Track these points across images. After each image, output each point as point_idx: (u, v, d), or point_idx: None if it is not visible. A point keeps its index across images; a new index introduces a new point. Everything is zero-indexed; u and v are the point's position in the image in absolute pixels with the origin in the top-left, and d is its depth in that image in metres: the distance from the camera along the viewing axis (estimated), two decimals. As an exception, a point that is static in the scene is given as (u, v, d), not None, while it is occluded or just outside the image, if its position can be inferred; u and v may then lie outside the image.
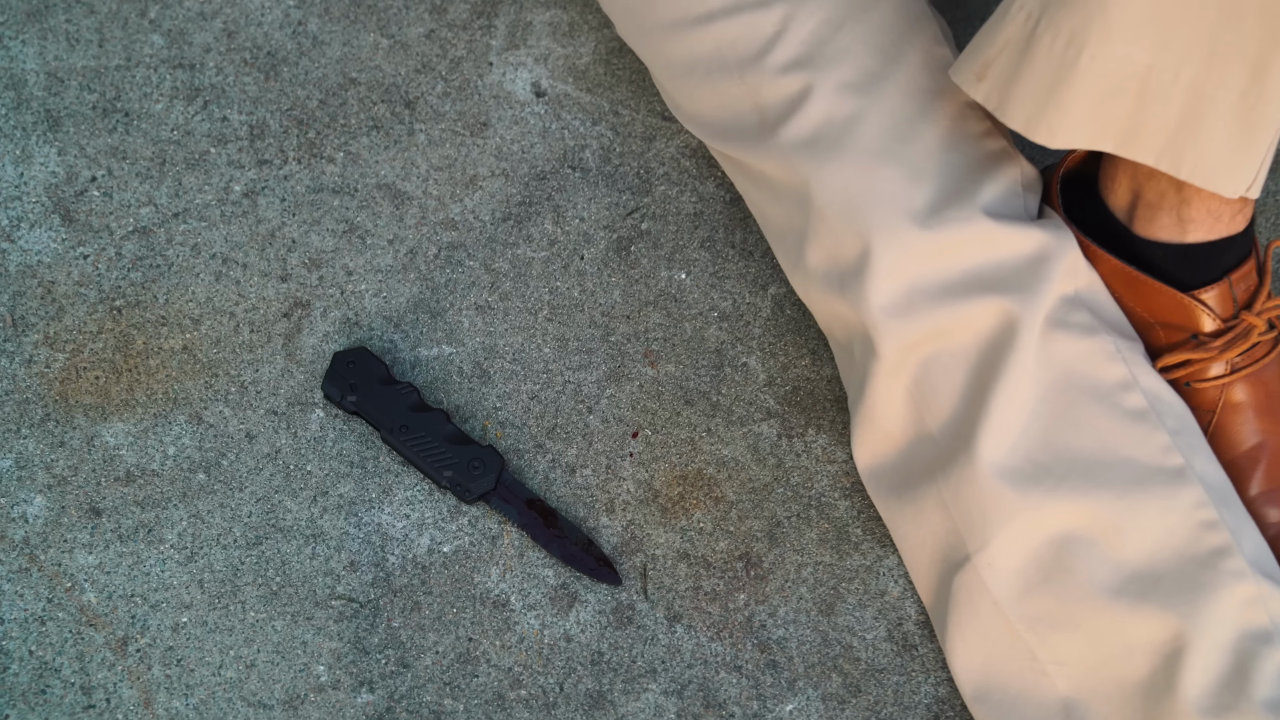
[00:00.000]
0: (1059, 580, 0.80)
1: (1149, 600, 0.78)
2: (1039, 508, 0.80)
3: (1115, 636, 0.79)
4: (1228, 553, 0.79)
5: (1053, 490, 0.80)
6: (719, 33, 0.90)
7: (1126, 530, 0.79)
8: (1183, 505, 0.80)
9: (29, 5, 1.08)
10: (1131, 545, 0.79)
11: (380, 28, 1.09)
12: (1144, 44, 0.74)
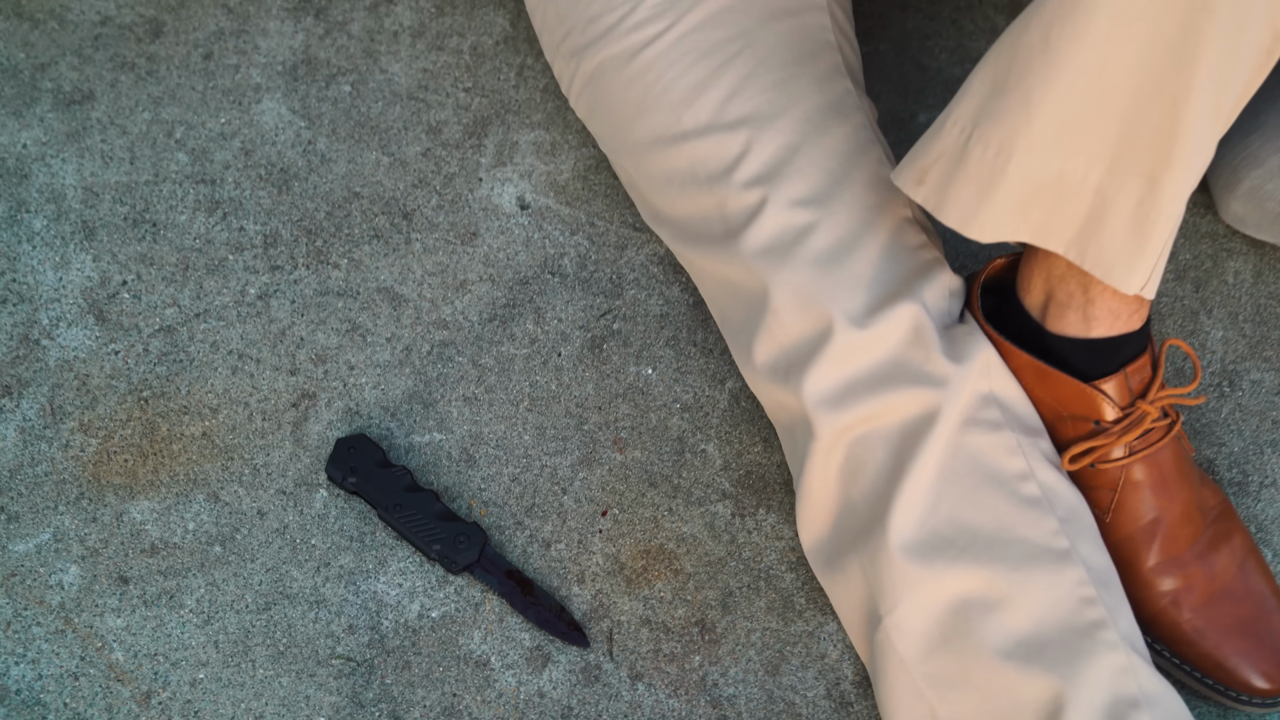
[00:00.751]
0: (957, 643, 0.90)
1: (1035, 664, 0.88)
2: (941, 576, 0.90)
3: (1005, 695, 0.88)
4: (1104, 626, 0.89)
5: (954, 561, 0.90)
6: (692, 151, 1.01)
7: (1017, 601, 0.90)
8: (1067, 582, 0.90)
9: (69, 127, 1.21)
10: (1021, 614, 0.89)
11: (381, 146, 1.21)
12: (1059, 153, 0.85)
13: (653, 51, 1.01)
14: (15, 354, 1.09)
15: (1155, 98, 0.81)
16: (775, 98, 0.99)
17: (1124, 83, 0.81)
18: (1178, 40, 0.79)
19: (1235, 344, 1.12)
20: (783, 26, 1.02)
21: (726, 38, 1.00)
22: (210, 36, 1.26)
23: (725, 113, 0.99)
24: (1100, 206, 0.85)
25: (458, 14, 1.29)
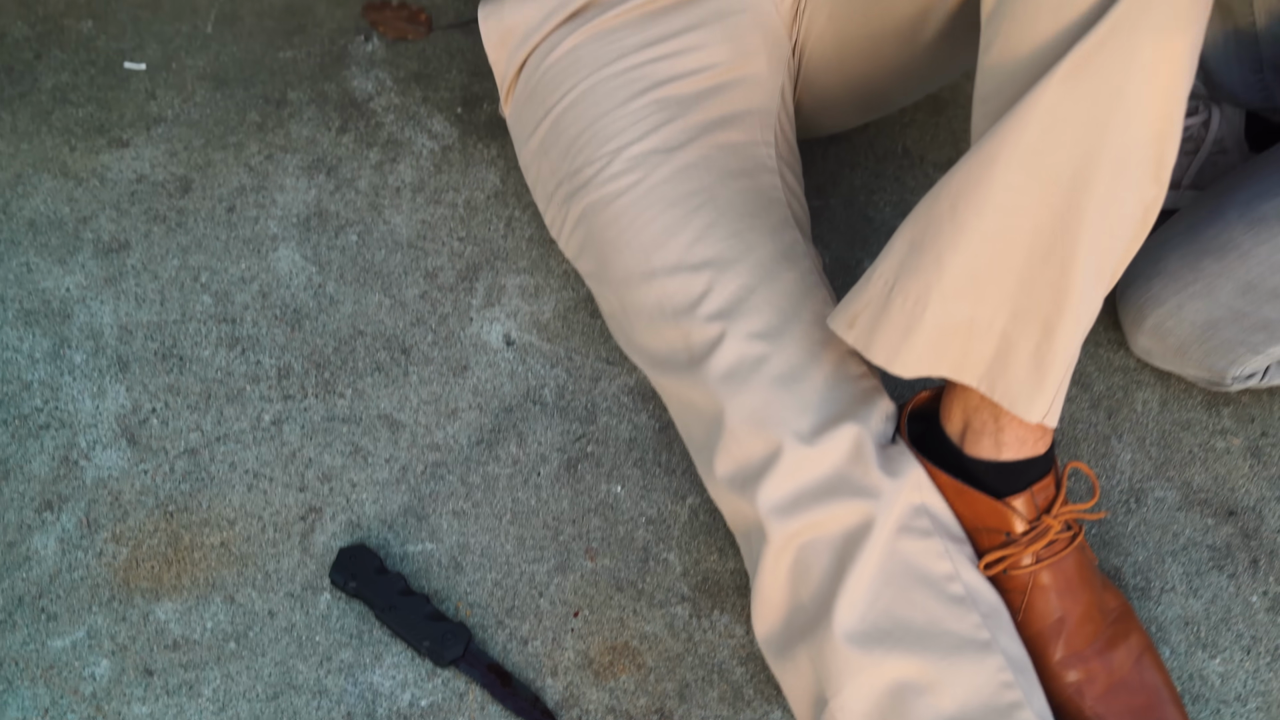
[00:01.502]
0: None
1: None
2: (880, 664, 1.02)
3: (936, 769, 1.01)
4: (1021, 706, 1.01)
5: (891, 650, 1.03)
6: (661, 288, 1.15)
7: (946, 685, 1.02)
8: (988, 669, 1.02)
9: (106, 273, 1.36)
10: (949, 697, 1.01)
11: (384, 289, 1.36)
12: (968, 303, 0.99)
13: (628, 199, 1.16)
14: (56, 473, 1.22)
15: (1047, 259, 0.96)
16: (734, 245, 1.14)
17: (1020, 246, 0.96)
18: (1064, 212, 0.94)
19: (1142, 465, 1.26)
20: (739, 184, 1.17)
21: (691, 191, 1.15)
22: (233, 192, 1.43)
23: (690, 255, 1.13)
24: (1005, 348, 1.00)
25: (454, 171, 1.45)
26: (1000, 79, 0.96)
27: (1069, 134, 0.92)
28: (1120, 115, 0.91)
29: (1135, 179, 0.94)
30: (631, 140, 1.16)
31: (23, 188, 1.41)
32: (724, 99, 1.20)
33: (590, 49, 1.21)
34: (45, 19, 1.57)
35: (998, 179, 0.94)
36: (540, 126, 1.23)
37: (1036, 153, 0.92)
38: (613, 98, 1.19)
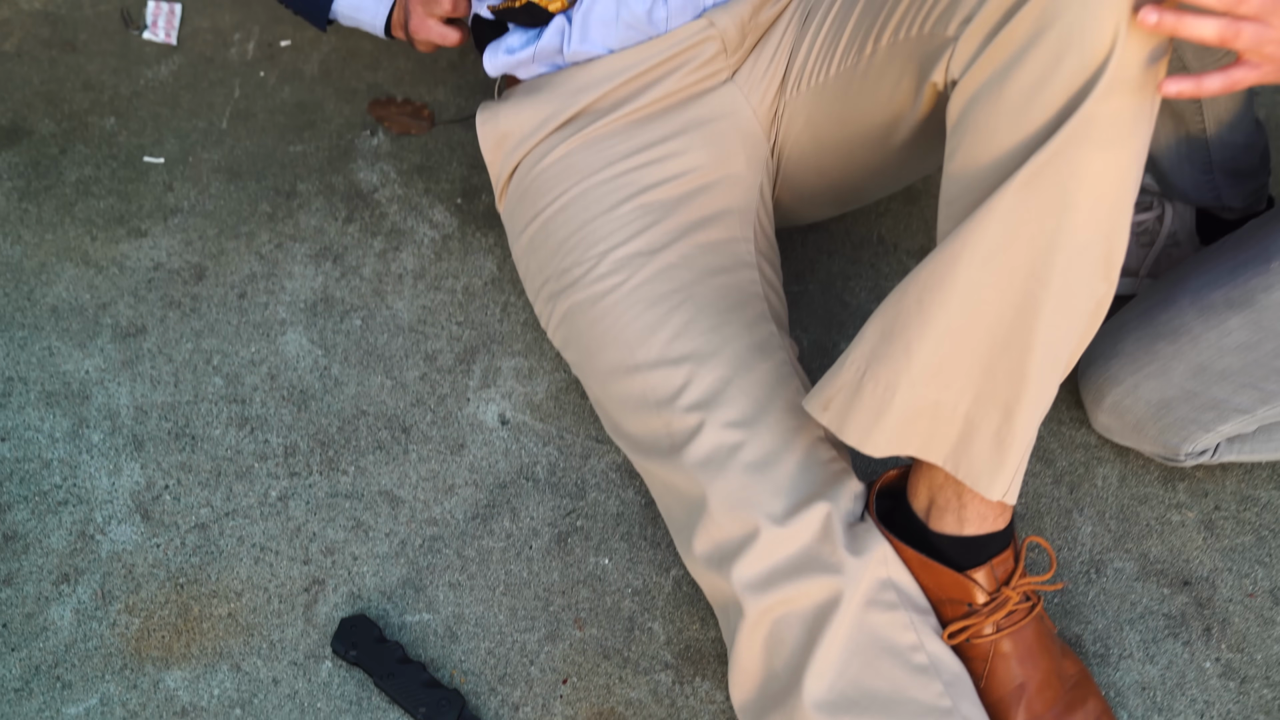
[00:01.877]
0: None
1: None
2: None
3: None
4: (981, 763, 1.08)
5: (858, 717, 1.09)
6: (644, 380, 1.23)
7: (910, 749, 1.08)
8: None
9: (124, 356, 1.44)
10: (913, 758, 1.08)
11: (386, 371, 1.44)
12: (934, 388, 1.06)
13: (613, 299, 1.24)
14: (74, 547, 1.30)
15: (1006, 348, 1.04)
16: (712, 339, 1.21)
17: (981, 337, 1.03)
18: (1021, 306, 1.02)
19: (1102, 537, 1.32)
20: (718, 281, 1.25)
21: (672, 289, 1.23)
22: (245, 279, 1.51)
23: (671, 350, 1.21)
24: (968, 430, 1.07)
25: (453, 259, 1.54)
26: (963, 185, 1.04)
27: (1025, 237, 1.00)
28: (1071, 221, 0.99)
29: (1086, 277, 1.02)
30: (617, 244, 1.24)
31: (47, 276, 1.50)
32: (705, 200, 1.28)
33: (580, 156, 1.30)
34: (71, 116, 1.66)
35: (960, 276, 1.02)
36: (531, 226, 1.31)
37: (995, 253, 1.00)
38: (600, 203, 1.27)
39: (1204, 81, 0.94)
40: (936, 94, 1.12)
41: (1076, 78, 0.96)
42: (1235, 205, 1.40)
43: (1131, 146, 0.99)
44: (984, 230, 1.00)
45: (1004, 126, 1.00)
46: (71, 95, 1.69)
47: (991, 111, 1.01)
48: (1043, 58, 0.97)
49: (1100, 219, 1.00)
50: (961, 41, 1.04)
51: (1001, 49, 1.00)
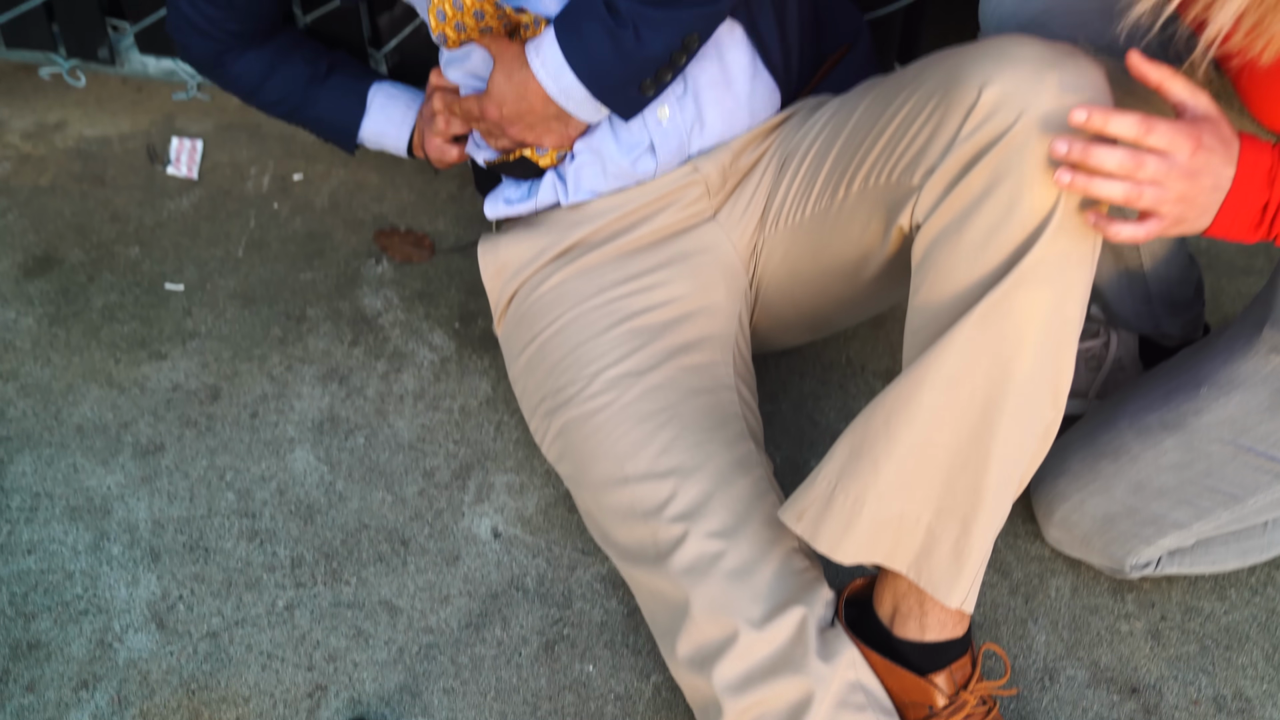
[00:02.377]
0: None
1: None
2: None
3: None
4: None
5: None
6: (631, 492, 1.32)
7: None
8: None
9: (143, 472, 1.54)
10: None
11: (387, 487, 1.55)
12: (899, 501, 1.16)
13: (604, 416, 1.34)
14: (93, 655, 1.39)
15: (965, 467, 1.14)
16: (695, 455, 1.31)
17: (942, 456, 1.14)
18: (978, 429, 1.12)
19: (1055, 646, 1.41)
20: (701, 401, 1.35)
21: (659, 408, 1.33)
22: (256, 399, 1.62)
23: (658, 465, 1.31)
24: (930, 541, 1.17)
25: (450, 380, 1.65)
26: (926, 317, 1.16)
27: (981, 367, 1.11)
28: (1022, 354, 1.10)
29: (1036, 404, 1.14)
30: (608, 365, 1.35)
31: (73, 396, 1.61)
32: (688, 326, 1.39)
33: (574, 284, 1.41)
34: (99, 245, 1.79)
35: (923, 401, 1.13)
36: (529, 348, 1.42)
37: (954, 381, 1.12)
38: (592, 327, 1.38)
39: (1119, 230, 1.05)
40: (903, 235, 1.24)
41: (1026, 226, 1.08)
42: (1174, 333, 1.52)
43: (1076, 284, 1.11)
44: (944, 360, 1.12)
45: (962, 267, 1.12)
46: (100, 226, 1.81)
47: (951, 253, 1.13)
48: (996, 208, 1.09)
49: (1048, 352, 1.12)
50: (925, 190, 1.16)
51: (959, 199, 1.12)
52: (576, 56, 1.27)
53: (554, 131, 1.35)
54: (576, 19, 1.26)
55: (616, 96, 1.30)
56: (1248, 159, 1.04)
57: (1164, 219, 1.05)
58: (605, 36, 1.25)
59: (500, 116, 1.35)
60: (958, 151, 1.13)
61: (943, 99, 1.15)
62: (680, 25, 1.25)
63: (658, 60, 1.27)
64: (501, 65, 1.32)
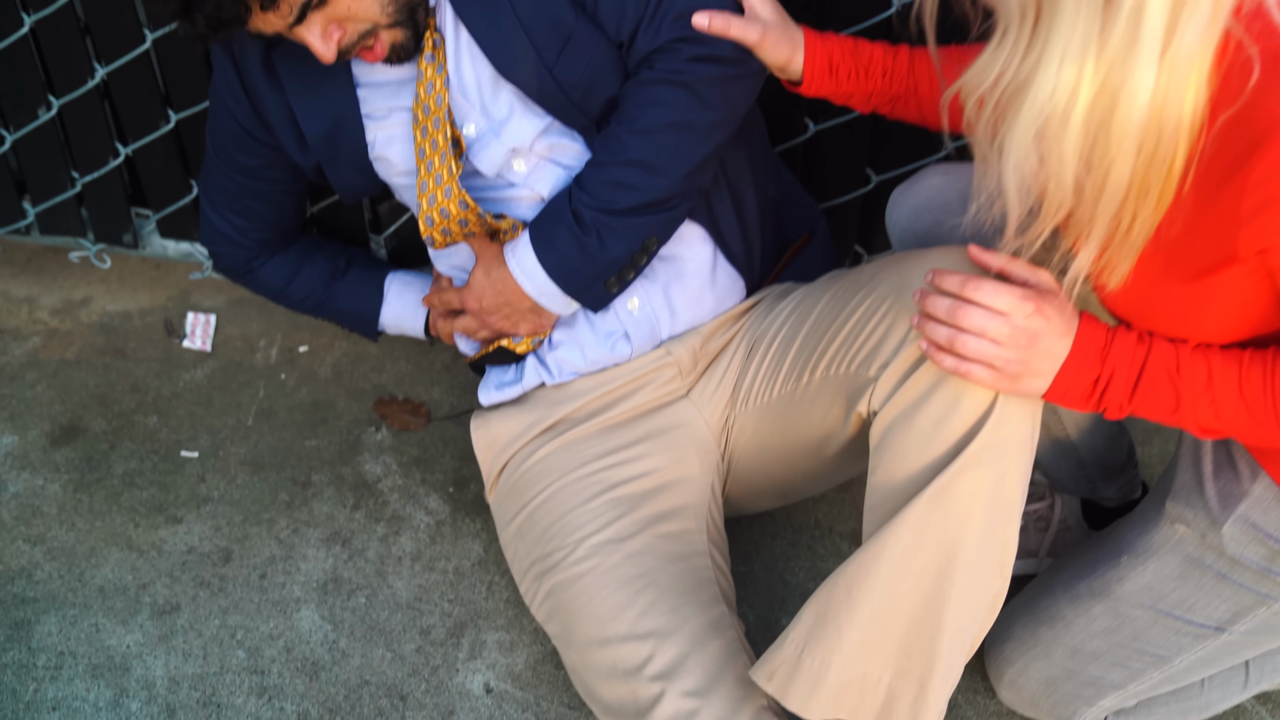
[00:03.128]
0: None
1: None
2: None
3: None
4: None
5: None
6: (613, 652, 1.44)
7: None
8: None
9: (160, 631, 1.66)
10: None
11: (386, 644, 1.66)
12: (861, 663, 1.28)
13: (588, 580, 1.47)
14: (113, 806, 1.50)
15: (920, 632, 1.27)
16: (673, 618, 1.43)
17: (900, 622, 1.27)
18: (931, 598, 1.25)
19: (1005, 793, 1.53)
20: (677, 566, 1.48)
21: (639, 573, 1.46)
22: (265, 561, 1.75)
23: (637, 627, 1.43)
24: (890, 699, 1.30)
25: (445, 543, 1.78)
26: (882, 495, 1.29)
27: (932, 543, 1.24)
28: (968, 531, 1.24)
29: (984, 575, 1.27)
30: (592, 532, 1.48)
31: (95, 559, 1.74)
32: (664, 496, 1.53)
33: (559, 457, 1.55)
34: (119, 415, 1.93)
35: (881, 572, 1.26)
36: (519, 516, 1.56)
37: (908, 556, 1.25)
38: (577, 497, 1.52)
39: (943, 359, 1.20)
40: (861, 420, 1.38)
41: (968, 418, 1.23)
42: (1111, 496, 1.66)
43: (1015, 468, 1.25)
44: (899, 537, 1.25)
45: (913, 452, 1.26)
46: (121, 396, 1.96)
47: (903, 440, 1.27)
48: (942, 402, 1.24)
49: (992, 528, 1.25)
50: (880, 382, 1.31)
51: (910, 392, 1.27)
52: (548, 258, 1.43)
53: (529, 321, 1.52)
54: (548, 226, 1.43)
55: (584, 293, 1.46)
56: (1084, 334, 1.19)
57: (999, 372, 1.19)
58: (573, 241, 1.42)
59: (480, 308, 1.51)
60: (907, 350, 1.28)
61: (895, 301, 1.31)
62: (639, 231, 1.42)
63: (620, 261, 1.43)
64: (482, 263, 1.49)
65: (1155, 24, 0.97)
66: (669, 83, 1.39)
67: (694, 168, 1.41)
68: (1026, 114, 1.04)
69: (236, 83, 1.55)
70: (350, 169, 1.55)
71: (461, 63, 1.46)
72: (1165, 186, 1.06)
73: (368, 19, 1.36)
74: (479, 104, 1.46)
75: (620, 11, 1.40)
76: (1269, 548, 1.28)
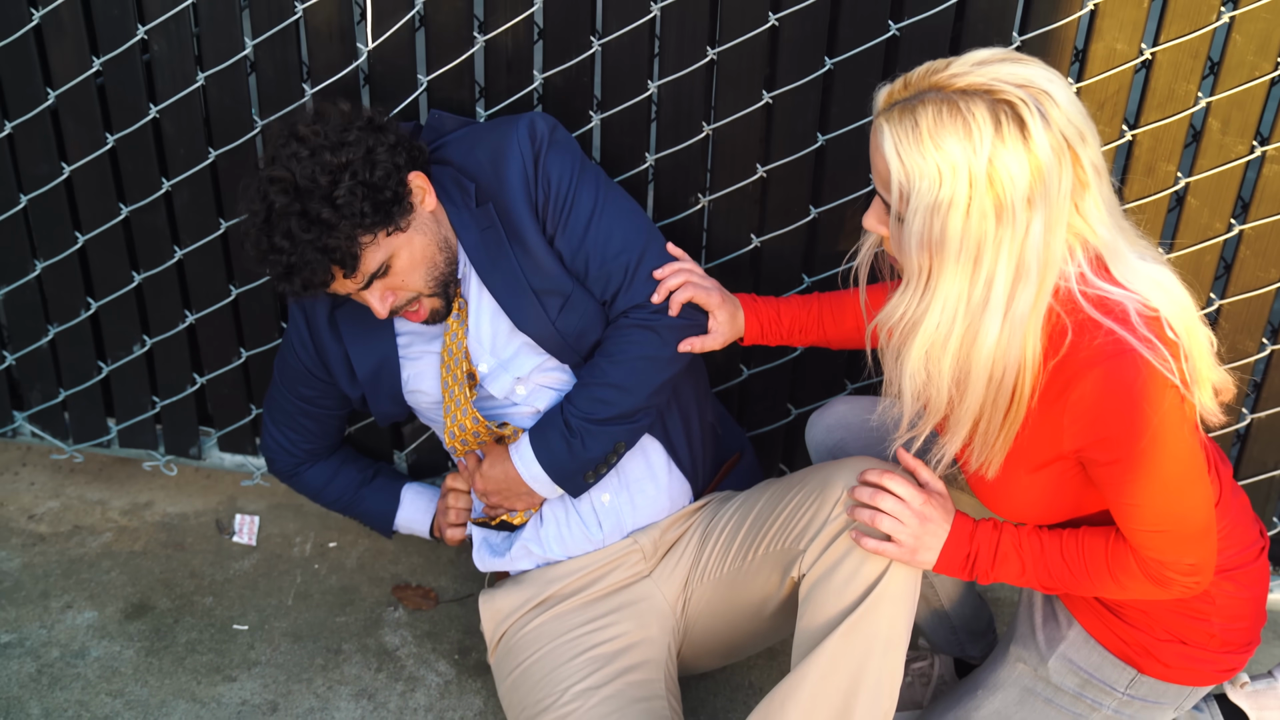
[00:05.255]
0: None
1: None
2: None
3: None
4: None
5: None
6: None
7: None
8: None
9: (222, 766, 2.05)
10: None
11: (406, 777, 2.06)
12: None
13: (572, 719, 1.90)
14: None
15: None
16: None
17: None
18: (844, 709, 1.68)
19: None
20: (640, 707, 1.89)
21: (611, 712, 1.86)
22: (306, 711, 2.15)
23: None
24: None
25: (452, 698, 2.19)
26: (807, 635, 1.75)
27: (844, 667, 1.70)
28: (872, 657, 1.69)
29: (883, 694, 1.71)
30: (574, 683, 1.92)
31: (165, 710, 2.13)
32: (632, 654, 1.98)
33: (548, 626, 2.00)
34: (181, 595, 2.35)
35: (806, 689, 1.70)
36: (515, 672, 1.99)
37: (826, 676, 1.70)
38: (562, 656, 1.96)
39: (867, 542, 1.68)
40: (793, 583, 1.85)
41: (872, 575, 1.71)
42: (976, 654, 2.13)
43: (904, 612, 1.72)
44: (819, 662, 1.71)
45: (831, 601, 1.73)
46: (181, 581, 2.39)
47: (824, 593, 1.74)
48: (852, 564, 1.72)
49: (888, 657, 1.70)
50: (808, 552, 1.79)
51: (829, 557, 1.75)
52: (542, 455, 1.94)
53: (522, 500, 2.00)
54: (544, 430, 1.94)
55: (568, 482, 1.96)
56: (958, 522, 1.69)
57: (903, 545, 1.67)
58: (562, 442, 1.92)
59: (485, 489, 1.99)
60: (829, 528, 1.77)
61: (819, 495, 1.81)
62: (613, 437, 1.93)
63: (596, 460, 1.94)
64: (490, 459, 1.98)
65: (1001, 291, 1.50)
66: (640, 327, 1.92)
67: (655, 389, 1.93)
68: (919, 341, 1.55)
69: (306, 334, 2.06)
70: (387, 400, 2.05)
71: (481, 318, 1.98)
72: (1013, 407, 1.57)
73: (414, 289, 1.89)
74: (490, 348, 1.98)
75: (605, 280, 1.95)
76: (1081, 677, 1.77)
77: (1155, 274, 1.54)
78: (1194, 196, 2.05)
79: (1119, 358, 1.47)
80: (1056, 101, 1.45)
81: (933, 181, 1.45)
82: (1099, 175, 1.50)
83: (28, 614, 2.31)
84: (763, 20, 1.99)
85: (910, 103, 1.47)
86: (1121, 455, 1.51)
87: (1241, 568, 1.70)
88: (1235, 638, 1.72)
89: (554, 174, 1.93)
